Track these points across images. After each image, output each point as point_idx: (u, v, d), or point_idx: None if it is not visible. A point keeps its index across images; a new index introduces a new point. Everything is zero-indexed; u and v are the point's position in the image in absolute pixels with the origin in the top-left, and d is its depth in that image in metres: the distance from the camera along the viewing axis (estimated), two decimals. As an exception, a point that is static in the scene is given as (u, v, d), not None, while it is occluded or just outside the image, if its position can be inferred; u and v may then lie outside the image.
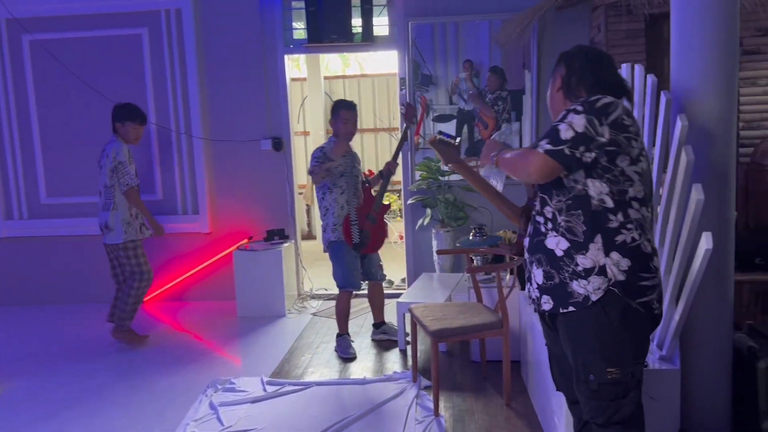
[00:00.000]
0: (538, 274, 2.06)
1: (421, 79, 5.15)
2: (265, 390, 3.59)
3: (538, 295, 2.07)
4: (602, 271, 1.91)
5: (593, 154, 1.88)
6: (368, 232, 4.10)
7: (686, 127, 2.43)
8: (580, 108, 1.91)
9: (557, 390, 2.31)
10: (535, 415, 3.18)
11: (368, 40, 5.09)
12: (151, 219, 4.39)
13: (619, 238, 1.92)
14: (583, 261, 1.93)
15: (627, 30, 4.20)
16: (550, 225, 2.01)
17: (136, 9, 5.30)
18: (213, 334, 4.67)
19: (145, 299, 5.48)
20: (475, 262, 4.07)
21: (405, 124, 4.27)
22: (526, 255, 2.13)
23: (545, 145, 1.91)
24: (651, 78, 2.64)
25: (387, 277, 4.45)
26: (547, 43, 4.90)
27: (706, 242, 2.24)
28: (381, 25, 5.21)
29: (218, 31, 5.27)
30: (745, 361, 2.60)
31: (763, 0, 3.80)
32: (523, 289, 3.79)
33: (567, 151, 1.88)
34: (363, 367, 3.95)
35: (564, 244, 1.97)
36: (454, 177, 5.13)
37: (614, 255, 1.91)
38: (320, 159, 3.97)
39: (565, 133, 1.89)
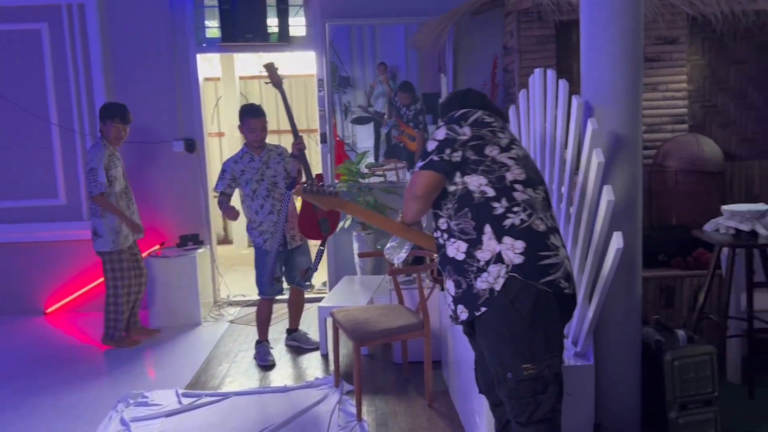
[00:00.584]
0: (450, 287, 2.10)
1: (339, 81, 5.12)
2: (180, 402, 3.45)
3: (453, 307, 2.09)
4: (499, 258, 1.95)
5: (460, 152, 2.04)
6: (325, 218, 3.95)
7: (597, 131, 2.52)
8: (441, 123, 2.13)
9: (480, 393, 2.33)
10: (456, 414, 3.22)
11: (284, 40, 5.00)
12: (129, 222, 4.26)
13: (507, 222, 1.97)
14: (482, 255, 1.97)
15: (538, 36, 4.33)
16: (447, 234, 2.08)
17: (35, 3, 4.97)
18: (123, 346, 4.45)
19: (49, 311, 5.17)
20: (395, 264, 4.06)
21: (283, 96, 3.98)
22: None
23: (419, 164, 2.09)
24: (563, 83, 2.72)
25: (311, 284, 4.35)
26: (463, 48, 4.99)
27: (617, 242, 2.33)
28: (297, 25, 5.14)
29: (125, 28, 5.03)
30: (653, 355, 2.72)
31: (662, 10, 4.02)
32: (443, 290, 3.83)
33: (436, 158, 2.05)
34: (284, 374, 3.86)
35: (463, 247, 2.02)
36: (375, 179, 5.13)
37: (507, 239, 1.96)
38: (221, 185, 3.95)
39: (431, 146, 2.09)
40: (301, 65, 6.79)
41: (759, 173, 4.53)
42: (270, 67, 3.88)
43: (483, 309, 1.98)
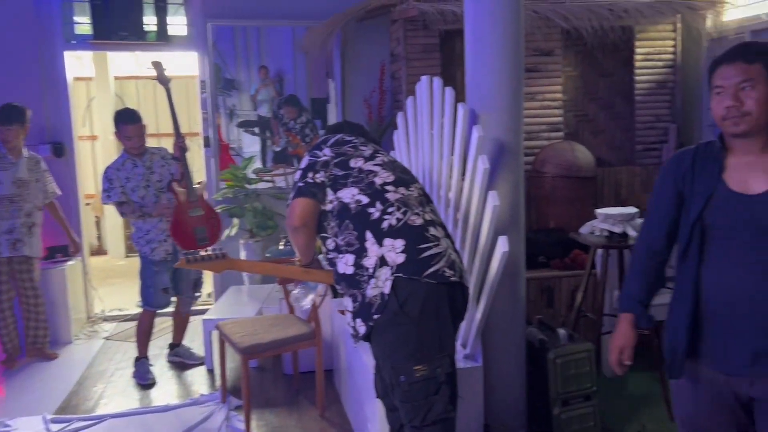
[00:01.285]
0: (348, 303, 2.09)
1: (223, 84, 4.94)
2: (48, 429, 3.16)
3: (353, 323, 2.07)
4: (383, 261, 1.97)
5: (322, 173, 2.12)
6: (202, 227, 3.73)
7: (482, 138, 2.57)
8: (306, 153, 2.23)
9: (377, 397, 2.30)
10: (349, 423, 3.18)
11: (163, 39, 4.75)
12: None
13: (385, 224, 2.01)
14: (369, 262, 1.99)
15: (424, 44, 4.40)
16: (335, 252, 2.10)
17: None
18: (-19, 371, 4.03)
19: None
20: (284, 272, 3.96)
21: (167, 91, 3.77)
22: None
23: (291, 195, 2.16)
24: (449, 91, 2.76)
25: (200, 294, 4.14)
26: (351, 53, 4.97)
27: (502, 245, 2.39)
28: (178, 24, 4.90)
29: (-20, 20, 4.58)
30: (537, 354, 2.82)
31: (539, 23, 4.21)
32: (335, 297, 3.78)
33: (301, 184, 2.13)
34: (166, 392, 3.65)
35: (350, 259, 2.03)
36: (263, 185, 4.99)
37: (387, 241, 1.98)
38: (114, 194, 3.66)
39: (297, 176, 2.19)
40: (182, 66, 6.50)
41: (626, 178, 4.87)
42: (158, 65, 3.73)
43: (376, 317, 1.96)
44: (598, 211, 3.22)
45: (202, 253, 2.31)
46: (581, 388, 2.78)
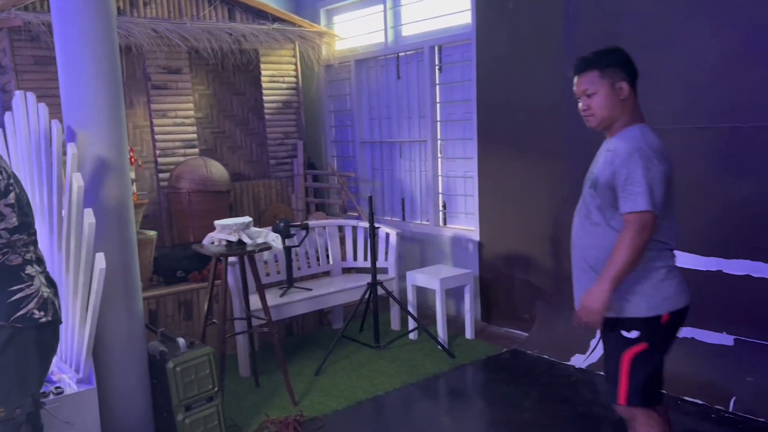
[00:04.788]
0: None
1: None
2: None
3: None
4: None
5: None
6: None
7: (77, 155, 2.53)
8: None
9: None
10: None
11: None
12: None
13: None
14: None
15: (36, 56, 4.09)
16: None
17: None
18: None
19: None
20: None
21: None
22: None
23: None
24: (42, 107, 2.65)
25: None
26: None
27: (99, 262, 2.39)
28: None
29: None
30: (159, 365, 2.87)
31: (159, 41, 4.27)
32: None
33: None
34: None
35: None
36: None
37: None
38: None
39: None
40: None
41: (263, 191, 5.23)
42: None
43: None
44: (216, 222, 3.40)
45: None
46: (203, 391, 2.90)
